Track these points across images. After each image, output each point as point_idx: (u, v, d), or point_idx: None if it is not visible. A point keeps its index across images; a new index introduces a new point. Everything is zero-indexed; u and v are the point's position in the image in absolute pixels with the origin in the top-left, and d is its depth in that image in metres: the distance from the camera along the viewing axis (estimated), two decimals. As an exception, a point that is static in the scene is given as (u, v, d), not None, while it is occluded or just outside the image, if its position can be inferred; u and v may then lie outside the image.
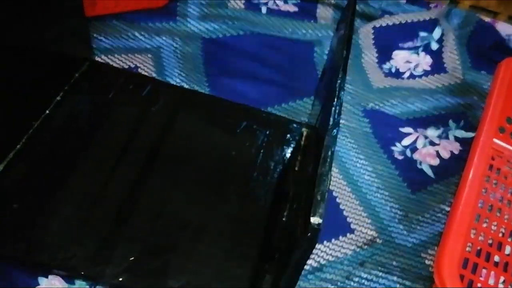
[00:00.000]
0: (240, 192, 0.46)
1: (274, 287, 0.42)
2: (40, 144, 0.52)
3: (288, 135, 0.58)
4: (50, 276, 0.44)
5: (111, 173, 0.51)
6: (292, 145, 0.57)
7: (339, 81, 0.37)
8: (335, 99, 0.36)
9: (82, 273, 0.43)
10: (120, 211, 0.48)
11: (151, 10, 0.70)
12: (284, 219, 0.48)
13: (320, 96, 0.53)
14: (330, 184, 0.56)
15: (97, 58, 0.64)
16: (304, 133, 0.59)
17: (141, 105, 0.58)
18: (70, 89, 0.57)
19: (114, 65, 0.64)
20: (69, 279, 0.44)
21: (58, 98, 0.56)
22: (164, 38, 0.68)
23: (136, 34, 0.67)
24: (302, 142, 0.58)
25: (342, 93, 0.37)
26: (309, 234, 0.27)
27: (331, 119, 0.35)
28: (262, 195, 0.51)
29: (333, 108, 0.35)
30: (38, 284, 0.43)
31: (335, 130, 0.34)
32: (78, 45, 0.61)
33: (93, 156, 0.52)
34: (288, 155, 0.56)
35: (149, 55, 0.65)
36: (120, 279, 0.43)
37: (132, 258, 0.44)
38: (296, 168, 0.54)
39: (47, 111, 0.54)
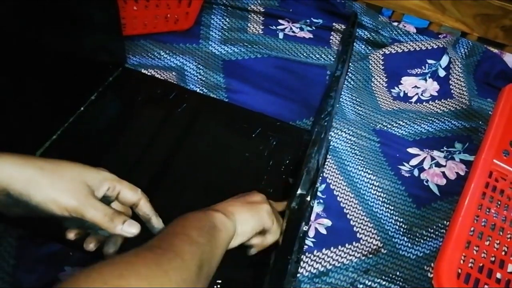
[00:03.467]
0: (252, 190, 0.50)
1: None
2: (73, 136, 0.57)
3: (299, 141, 0.62)
4: (74, 267, 0.47)
5: (134, 166, 0.56)
6: (301, 150, 0.61)
7: (333, 79, 0.41)
8: (329, 95, 0.39)
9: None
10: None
11: (176, 32, 0.76)
12: None
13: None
14: (321, 168, 0.59)
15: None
16: None
17: (166, 107, 0.64)
18: (103, 90, 0.64)
19: (141, 80, 0.69)
20: (90, 255, 0.47)
21: (93, 97, 0.62)
22: (187, 58, 0.73)
23: (162, 53, 0.73)
24: None
25: (335, 94, 0.40)
26: (295, 204, 0.31)
27: (325, 111, 0.38)
28: (273, 193, 0.55)
29: (327, 100, 0.39)
30: (64, 271, 0.47)
31: (327, 118, 0.37)
32: (113, 54, 0.67)
33: (119, 150, 0.58)
34: (297, 158, 0.60)
35: (173, 73, 0.70)
36: None
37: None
38: None
39: (82, 108, 0.60)
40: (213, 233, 0.38)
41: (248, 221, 0.43)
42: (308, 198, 0.33)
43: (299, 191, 0.32)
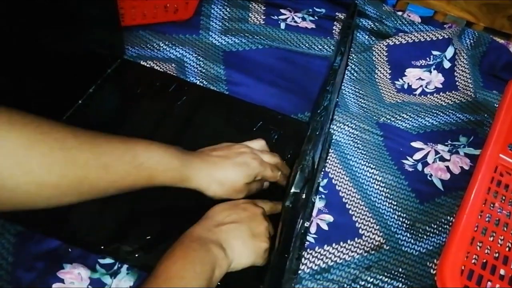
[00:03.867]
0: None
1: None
2: None
3: (300, 135, 0.61)
4: (73, 264, 0.47)
5: None
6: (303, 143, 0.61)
7: (330, 72, 0.40)
8: (326, 89, 0.38)
9: (102, 247, 0.47)
10: (140, 196, 0.51)
11: (176, 23, 0.75)
12: None
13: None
14: (323, 163, 0.58)
15: (125, 65, 0.68)
16: None
17: (166, 100, 0.63)
18: (102, 83, 0.62)
19: (140, 72, 0.68)
20: (89, 252, 0.48)
21: (91, 90, 0.61)
22: (187, 49, 0.72)
23: (161, 44, 0.71)
24: None
25: (332, 88, 0.39)
26: (289, 203, 0.30)
27: (321, 105, 0.37)
28: (274, 189, 0.54)
29: (324, 95, 0.38)
30: (63, 268, 0.46)
31: (323, 114, 0.36)
32: (112, 46, 0.66)
33: None
34: (299, 152, 0.59)
35: (173, 65, 0.69)
36: (136, 255, 0.47)
37: (148, 237, 0.48)
38: None
39: (80, 101, 0.59)
40: (210, 280, 0.39)
41: (245, 259, 0.44)
42: (304, 196, 0.32)
43: (292, 190, 0.31)
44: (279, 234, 0.35)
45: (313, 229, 0.55)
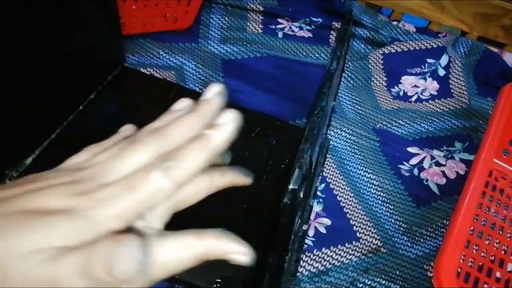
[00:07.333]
0: (252, 189, 0.49)
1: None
2: (72, 136, 0.57)
3: (298, 140, 0.62)
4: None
5: None
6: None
7: (326, 76, 0.41)
8: (322, 92, 0.39)
9: None
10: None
11: (175, 32, 0.76)
12: None
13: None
14: (321, 167, 0.59)
15: (125, 73, 0.69)
16: None
17: (166, 107, 0.63)
18: (102, 89, 0.63)
19: (140, 79, 0.69)
20: None
21: (92, 96, 0.61)
22: (186, 57, 0.73)
23: (161, 52, 0.73)
24: None
25: (328, 90, 0.40)
26: (287, 200, 0.31)
27: (318, 106, 0.38)
28: (272, 192, 0.55)
29: (320, 97, 0.39)
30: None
31: (319, 114, 0.37)
32: (113, 53, 0.67)
33: None
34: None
35: (172, 72, 0.70)
36: None
37: None
38: None
39: (81, 107, 0.60)
40: None
41: None
42: (302, 194, 0.33)
43: (291, 186, 0.32)
44: (278, 232, 0.36)
45: (311, 232, 0.55)
